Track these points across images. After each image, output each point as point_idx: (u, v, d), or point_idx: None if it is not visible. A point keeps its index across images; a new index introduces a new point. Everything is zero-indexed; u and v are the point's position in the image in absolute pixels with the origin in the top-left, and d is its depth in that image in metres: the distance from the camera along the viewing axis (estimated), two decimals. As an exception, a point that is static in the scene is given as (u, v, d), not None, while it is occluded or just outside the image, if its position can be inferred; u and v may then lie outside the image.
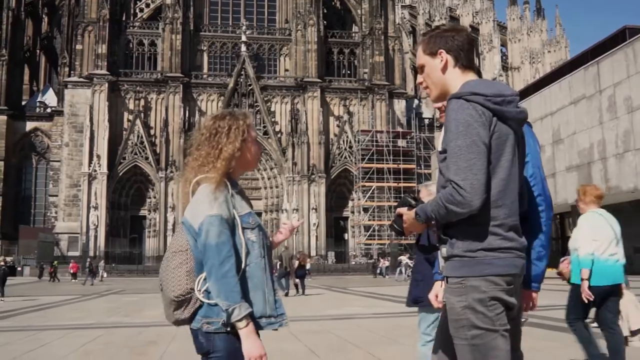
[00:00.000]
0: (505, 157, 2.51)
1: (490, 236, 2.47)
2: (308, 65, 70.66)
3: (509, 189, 2.53)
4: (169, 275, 2.70)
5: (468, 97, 2.47)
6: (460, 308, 2.48)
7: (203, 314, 2.66)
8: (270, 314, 2.71)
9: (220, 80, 70.22)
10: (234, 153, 2.77)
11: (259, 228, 2.78)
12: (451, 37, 2.71)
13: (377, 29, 73.22)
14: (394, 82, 75.28)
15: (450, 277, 2.54)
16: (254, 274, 2.70)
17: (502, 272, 2.47)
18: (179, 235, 2.78)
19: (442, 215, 2.47)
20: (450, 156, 2.44)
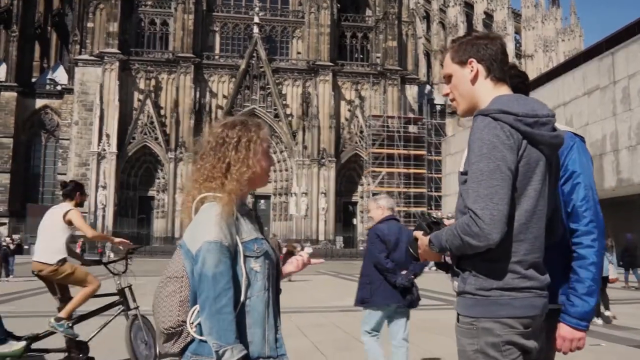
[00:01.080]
0: (533, 186, 2.27)
1: (508, 274, 2.24)
2: (320, 49, 70.13)
3: (532, 221, 2.28)
4: (161, 304, 2.44)
5: (496, 115, 2.23)
6: (472, 352, 2.27)
7: (193, 350, 2.39)
8: (269, 354, 2.43)
9: (232, 61, 69.73)
10: (245, 172, 2.48)
11: (264, 256, 2.49)
12: (484, 45, 2.44)
13: (391, 13, 72.52)
14: (407, 68, 74.76)
15: (461, 315, 2.34)
16: (254, 308, 2.42)
17: (519, 314, 2.24)
18: (176, 259, 2.49)
19: (456, 246, 2.24)
20: (471, 180, 2.21)
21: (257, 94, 68.73)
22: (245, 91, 68.76)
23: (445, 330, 10.14)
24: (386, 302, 5.56)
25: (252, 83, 68.63)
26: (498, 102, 2.31)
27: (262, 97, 68.80)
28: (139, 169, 68.51)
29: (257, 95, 68.73)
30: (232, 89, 68.33)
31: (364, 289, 5.88)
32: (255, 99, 68.61)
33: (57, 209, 7.09)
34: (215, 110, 68.22)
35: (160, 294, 2.45)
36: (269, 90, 68.71)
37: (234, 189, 2.44)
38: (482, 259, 2.24)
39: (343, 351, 8.56)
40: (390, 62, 71.86)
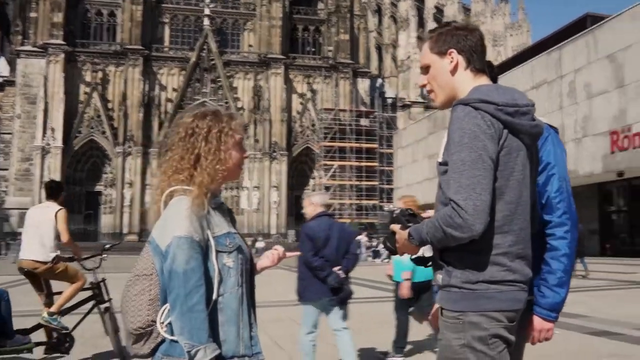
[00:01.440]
0: (515, 176, 2.22)
1: (493, 266, 2.18)
2: (272, 42, 69.65)
3: (517, 212, 2.23)
4: (129, 303, 2.29)
5: (477, 104, 2.17)
6: (458, 346, 2.19)
7: (164, 351, 2.25)
8: (243, 353, 2.31)
9: (182, 54, 68.66)
10: (216, 164, 2.34)
11: (237, 251, 2.37)
12: (464, 36, 2.38)
13: (343, 6, 72.49)
14: (359, 61, 74.89)
15: (446, 309, 2.25)
16: (227, 305, 2.30)
17: (505, 307, 2.19)
18: (145, 255, 2.33)
19: (438, 239, 2.16)
20: (452, 171, 2.13)
21: (207, 87, 67.87)
22: (196, 84, 67.84)
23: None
24: (318, 296, 5.70)
25: (202, 76, 67.77)
26: (478, 91, 2.25)
27: (213, 90, 67.98)
28: (86, 164, 66.86)
29: (208, 89, 67.87)
30: (182, 82, 67.35)
31: (298, 284, 6.13)
32: (206, 92, 67.73)
33: (45, 208, 7.22)
34: (165, 104, 67.16)
35: (128, 292, 2.32)
36: (220, 83, 67.97)
37: (204, 181, 2.31)
38: (467, 251, 2.17)
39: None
40: (342, 56, 71.83)
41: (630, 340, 7.36)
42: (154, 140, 65.20)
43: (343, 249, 5.96)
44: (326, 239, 5.86)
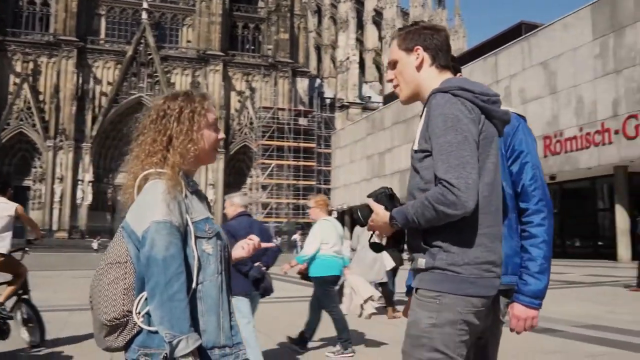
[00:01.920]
0: (491, 159, 2.29)
1: (477, 247, 2.22)
2: (211, 38, 69.02)
3: (493, 194, 2.31)
4: (102, 293, 2.14)
5: (456, 91, 2.25)
6: (427, 325, 2.21)
7: (141, 343, 2.12)
8: (224, 343, 2.20)
9: (119, 47, 67.32)
10: (188, 144, 2.24)
11: (217, 237, 2.27)
12: (430, 35, 2.49)
13: (284, 5, 72.43)
14: (298, 61, 74.92)
15: (423, 289, 2.25)
16: (207, 294, 2.19)
17: (483, 293, 2.23)
18: (118, 242, 2.20)
19: (427, 218, 2.16)
20: (439, 153, 2.17)
21: (144, 81, 66.66)
22: (132, 78, 66.57)
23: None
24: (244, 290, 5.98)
25: (139, 70, 66.55)
26: (452, 81, 2.33)
27: (150, 85, 66.82)
28: (14, 157, 64.73)
29: (145, 83, 66.68)
30: (118, 75, 66.01)
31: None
32: (142, 87, 66.53)
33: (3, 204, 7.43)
34: (99, 97, 65.69)
35: (100, 282, 2.16)
36: (157, 78, 66.88)
37: (177, 162, 2.21)
38: (451, 232, 2.20)
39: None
40: (281, 55, 71.72)
41: (571, 337, 7.59)
42: (87, 135, 63.62)
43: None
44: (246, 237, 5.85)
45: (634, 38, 24.32)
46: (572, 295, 11.98)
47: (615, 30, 25.28)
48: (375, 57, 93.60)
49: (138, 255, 2.12)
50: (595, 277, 17.34)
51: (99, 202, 65.71)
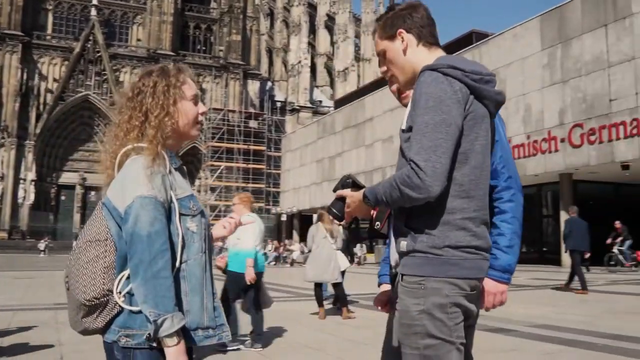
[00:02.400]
0: (479, 141, 2.22)
1: (459, 231, 2.16)
2: (162, 37, 68.29)
3: (481, 178, 2.25)
4: (80, 272, 2.06)
5: (445, 70, 2.16)
6: (416, 312, 2.16)
7: (122, 324, 2.06)
8: (208, 325, 2.13)
9: (66, 43, 65.88)
10: (164, 117, 2.18)
11: (201, 215, 2.21)
12: (408, 14, 2.41)
13: (237, 7, 72.15)
14: (249, 63, 74.70)
15: (407, 275, 2.20)
16: (191, 273, 2.12)
17: (468, 274, 2.18)
18: (97, 219, 2.14)
19: (394, 198, 2.13)
20: (415, 132, 2.12)
21: (92, 79, 65.44)
22: (79, 76, 65.25)
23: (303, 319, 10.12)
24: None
25: (87, 68, 65.29)
26: (443, 59, 2.26)
27: (98, 83, 65.63)
28: (-46, 154, 62.75)
29: (92, 81, 65.45)
30: (64, 72, 64.58)
31: None
32: (89, 85, 65.31)
33: None
34: (45, 94, 64.17)
35: (79, 260, 2.08)
36: (105, 76, 65.73)
37: (155, 135, 2.15)
38: (434, 215, 2.16)
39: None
40: (233, 56, 71.41)
41: (525, 336, 7.81)
42: (31, 132, 61.99)
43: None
44: None
45: (580, 50, 25.04)
46: (521, 298, 12.33)
47: (562, 42, 26.00)
48: (326, 62, 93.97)
49: (119, 233, 2.06)
50: (541, 281, 17.86)
51: (42, 202, 64.06)
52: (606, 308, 11.13)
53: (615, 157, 23.56)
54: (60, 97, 63.82)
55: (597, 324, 8.84)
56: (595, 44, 24.55)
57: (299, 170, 51.14)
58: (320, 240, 10.42)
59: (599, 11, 24.58)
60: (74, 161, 66.55)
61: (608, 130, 23.69)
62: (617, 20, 23.84)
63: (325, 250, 10.30)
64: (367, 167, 39.74)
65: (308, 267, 10.57)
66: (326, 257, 10.22)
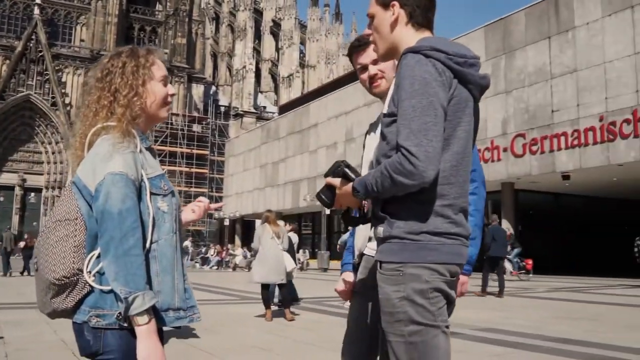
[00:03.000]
0: (462, 127, 2.16)
1: (437, 217, 2.10)
2: (106, 39, 67.67)
3: (462, 164, 2.18)
4: (49, 251, 2.02)
5: (428, 52, 2.10)
6: (397, 299, 2.09)
7: (92, 304, 2.01)
8: (179, 306, 2.12)
9: (7, 42, 64.70)
10: (133, 97, 2.19)
11: (171, 195, 2.20)
12: None
13: (182, 10, 72.09)
14: (194, 67, 74.66)
15: (385, 262, 2.14)
16: (162, 253, 2.10)
17: (447, 260, 2.11)
18: (67, 199, 2.10)
19: (386, 187, 2.05)
20: (402, 117, 2.04)
21: (33, 79, 64.39)
22: (21, 75, 64.09)
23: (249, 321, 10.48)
24: None
25: (28, 67, 64.19)
26: (426, 41, 2.18)
27: (40, 83, 64.61)
28: None
29: (34, 81, 64.40)
30: (5, 71, 63.33)
31: None
32: (31, 85, 64.24)
33: None
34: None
35: (47, 239, 2.05)
36: (48, 76, 64.73)
37: (124, 114, 2.15)
38: (412, 201, 2.09)
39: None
40: (178, 59, 71.24)
41: (472, 339, 8.14)
42: (-31, 131, 60.75)
43: None
44: None
45: (523, 61, 25.46)
46: (464, 303, 12.48)
47: (506, 53, 26.43)
48: (271, 68, 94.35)
49: (89, 212, 2.03)
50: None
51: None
52: (550, 313, 11.46)
53: (557, 168, 23.89)
54: (1, 97, 62.65)
55: (543, 328, 9.06)
56: (539, 55, 25.00)
57: (242, 175, 51.29)
58: (266, 241, 10.51)
59: (542, 24, 25.07)
60: (14, 162, 65.35)
61: (550, 140, 24.00)
62: (560, 32, 24.29)
63: (272, 251, 10.42)
64: (310, 173, 40.19)
65: (255, 269, 10.63)
66: (273, 257, 10.35)
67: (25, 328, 8.84)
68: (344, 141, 37.19)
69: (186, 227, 2.56)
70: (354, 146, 36.39)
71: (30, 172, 65.87)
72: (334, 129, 38.52)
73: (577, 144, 23.11)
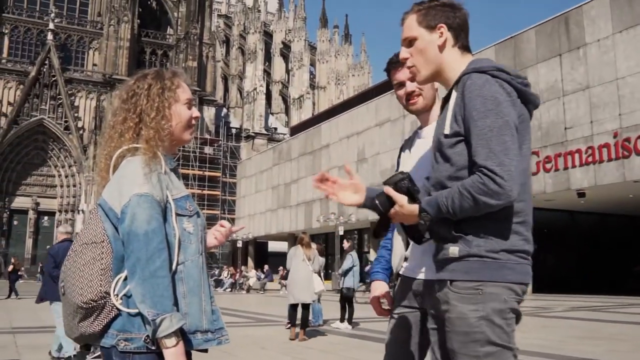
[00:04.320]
0: (526, 144, 2.16)
1: (513, 235, 2.10)
2: (118, 63, 68.22)
3: (528, 182, 2.19)
4: (77, 274, 2.02)
5: (494, 72, 2.11)
6: (475, 319, 2.05)
7: (120, 328, 2.00)
8: (207, 328, 2.10)
9: (22, 67, 65.35)
10: (160, 120, 2.19)
11: (197, 215, 2.20)
12: (452, 13, 2.31)
13: (193, 33, 72.65)
14: (205, 89, 75.04)
15: (460, 281, 2.11)
16: (189, 274, 2.09)
17: (522, 279, 2.11)
18: (93, 222, 2.09)
19: (465, 208, 2.03)
20: (479, 138, 2.03)
21: (47, 103, 64.90)
22: (34, 100, 64.63)
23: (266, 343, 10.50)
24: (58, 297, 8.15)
25: (42, 92, 64.73)
26: (485, 62, 2.19)
27: (53, 107, 65.12)
28: None
29: (47, 105, 64.91)
30: (19, 96, 63.91)
31: (41, 290, 8.66)
32: (44, 109, 64.74)
33: None
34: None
35: (75, 263, 2.05)
36: (61, 100, 65.25)
37: (151, 136, 2.15)
38: (490, 219, 2.07)
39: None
40: (189, 82, 71.54)
41: None
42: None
43: None
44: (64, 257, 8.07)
45: (535, 79, 25.30)
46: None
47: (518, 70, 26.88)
48: (282, 89, 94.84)
49: (116, 235, 2.02)
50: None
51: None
52: (570, 333, 11.41)
53: (571, 185, 23.87)
54: (15, 121, 63.19)
55: (564, 348, 9.09)
56: (550, 73, 25.07)
57: (254, 197, 51.39)
58: (298, 263, 11.18)
59: (553, 41, 25.19)
60: (27, 185, 65.73)
61: (564, 158, 23.98)
62: (571, 50, 24.39)
63: (302, 273, 11.08)
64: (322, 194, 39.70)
65: (289, 290, 11.33)
66: (303, 279, 11.00)
67: (43, 352, 8.86)
68: (356, 161, 37.15)
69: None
70: (367, 166, 36.41)
71: (44, 196, 66.19)
72: (345, 149, 38.60)
73: (592, 161, 23.02)
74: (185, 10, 73.77)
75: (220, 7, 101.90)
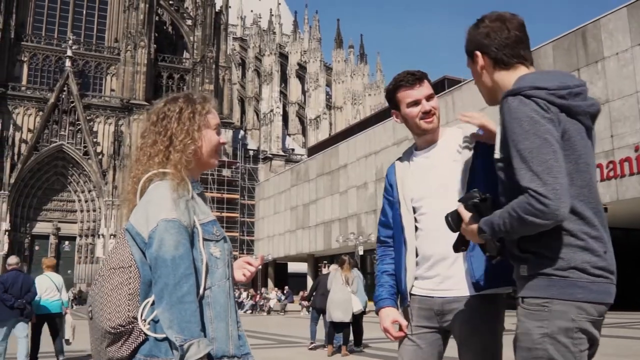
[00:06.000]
0: (583, 159, 2.14)
1: (584, 252, 2.06)
2: (136, 87, 68.90)
3: (591, 197, 2.16)
4: (105, 299, 2.02)
5: (528, 92, 2.08)
6: (539, 336, 2.04)
7: (147, 353, 2.00)
8: (233, 353, 2.09)
9: (41, 94, 66.33)
10: (189, 144, 2.19)
11: (224, 240, 2.19)
12: (491, 31, 2.32)
13: (209, 57, 73.23)
14: (222, 112, 75.30)
15: (528, 297, 2.10)
16: (216, 299, 2.08)
17: (596, 299, 2.06)
18: (121, 247, 2.11)
19: (515, 228, 2.03)
20: (520, 160, 2.02)
21: (66, 129, 65.66)
22: (54, 126, 65.43)
23: None
24: (9, 317, 9.20)
25: (61, 118, 65.56)
26: (525, 80, 2.17)
27: (72, 133, 65.85)
28: None
29: (67, 131, 65.66)
30: (39, 122, 64.70)
31: None
32: (64, 135, 65.49)
33: None
34: (19, 144, 64.12)
35: (102, 288, 2.04)
36: (79, 126, 66.00)
37: (179, 160, 2.16)
38: (554, 238, 2.06)
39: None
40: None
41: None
42: (5, 182, 61.82)
43: (25, 290, 9.52)
44: (13, 284, 9.43)
45: None
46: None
47: None
48: (298, 110, 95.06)
49: (143, 259, 2.02)
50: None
51: (15, 252, 63.23)
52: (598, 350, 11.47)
53: None
54: (35, 147, 63.90)
55: None
56: None
57: (273, 218, 51.33)
58: (337, 285, 11.69)
59: (570, 56, 24.90)
60: (48, 211, 66.35)
61: None
62: (589, 64, 24.09)
63: (340, 294, 11.56)
64: (341, 214, 40.07)
65: (328, 311, 11.76)
66: (341, 300, 11.47)
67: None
68: (374, 181, 37.04)
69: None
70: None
71: (64, 221, 66.70)
72: (363, 169, 38.48)
73: (613, 176, 22.77)
74: (200, 34, 74.43)
75: (236, 30, 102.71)
